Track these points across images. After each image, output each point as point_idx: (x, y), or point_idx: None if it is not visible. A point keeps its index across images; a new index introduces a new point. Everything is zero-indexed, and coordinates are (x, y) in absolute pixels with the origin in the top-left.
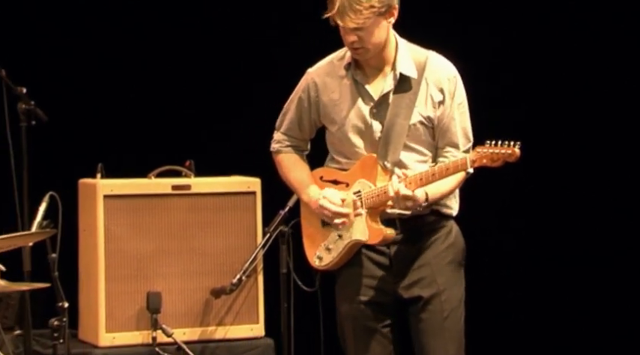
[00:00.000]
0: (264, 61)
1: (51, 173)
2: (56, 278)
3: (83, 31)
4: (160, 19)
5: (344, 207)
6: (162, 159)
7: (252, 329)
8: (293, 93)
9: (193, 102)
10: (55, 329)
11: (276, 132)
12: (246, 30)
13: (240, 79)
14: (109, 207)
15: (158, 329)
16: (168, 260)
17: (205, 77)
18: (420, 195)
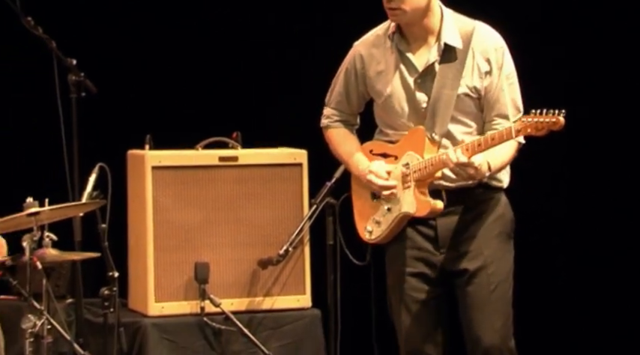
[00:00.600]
0: (311, 33)
1: (100, 144)
2: (106, 248)
3: (133, 3)
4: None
5: (390, 180)
6: (209, 130)
7: (299, 300)
8: (340, 67)
9: (242, 74)
10: (106, 298)
11: (326, 107)
12: (298, 2)
13: (289, 50)
14: (157, 178)
15: (206, 299)
16: (215, 231)
17: (254, 48)
18: (483, 165)
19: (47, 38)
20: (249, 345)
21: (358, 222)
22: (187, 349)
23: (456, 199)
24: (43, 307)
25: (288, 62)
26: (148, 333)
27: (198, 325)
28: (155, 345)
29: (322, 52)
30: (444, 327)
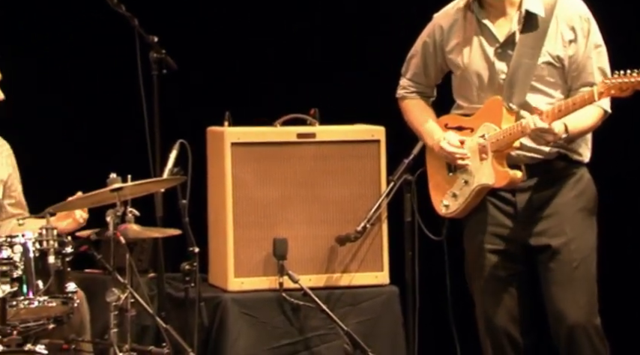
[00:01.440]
0: (389, 8)
1: (181, 121)
2: (187, 224)
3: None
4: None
5: (462, 149)
6: (287, 107)
7: (377, 277)
8: (419, 39)
9: (321, 50)
10: (187, 273)
11: (402, 78)
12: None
13: (366, 26)
14: (236, 155)
15: (285, 275)
16: (293, 207)
17: (331, 24)
18: (559, 128)
19: (130, 16)
20: (327, 321)
21: (434, 196)
22: (266, 324)
23: (536, 173)
24: (127, 281)
25: (367, 37)
26: (228, 308)
27: (277, 301)
28: (235, 320)
29: (401, 26)
30: (524, 304)
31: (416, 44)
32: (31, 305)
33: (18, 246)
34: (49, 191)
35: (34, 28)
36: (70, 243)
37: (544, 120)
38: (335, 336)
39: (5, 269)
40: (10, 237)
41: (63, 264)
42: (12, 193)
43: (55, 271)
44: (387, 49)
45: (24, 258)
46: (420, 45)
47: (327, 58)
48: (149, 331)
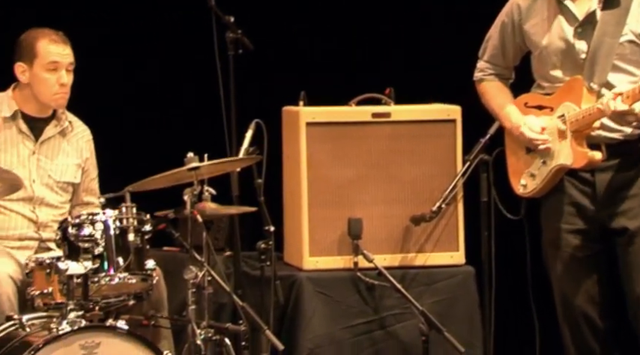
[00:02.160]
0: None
1: (257, 101)
2: (262, 203)
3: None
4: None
5: (544, 135)
6: (363, 86)
7: (452, 257)
8: (496, 19)
9: (395, 29)
10: (262, 251)
11: (480, 60)
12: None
13: (441, 4)
14: (311, 135)
15: (359, 254)
16: (368, 187)
17: (408, 3)
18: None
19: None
20: (402, 301)
21: (512, 176)
22: (341, 303)
23: (617, 154)
24: (204, 259)
25: (441, 16)
26: (303, 287)
27: (352, 280)
28: (310, 298)
29: (476, 5)
30: (603, 285)
31: (493, 25)
32: (111, 281)
33: (99, 224)
34: (128, 170)
35: (111, 11)
36: (149, 221)
37: (624, 101)
38: (410, 316)
39: (87, 246)
40: (91, 215)
41: (142, 242)
42: (86, 179)
43: (134, 248)
44: (463, 27)
45: (105, 236)
46: (497, 26)
47: (403, 36)
48: (226, 308)
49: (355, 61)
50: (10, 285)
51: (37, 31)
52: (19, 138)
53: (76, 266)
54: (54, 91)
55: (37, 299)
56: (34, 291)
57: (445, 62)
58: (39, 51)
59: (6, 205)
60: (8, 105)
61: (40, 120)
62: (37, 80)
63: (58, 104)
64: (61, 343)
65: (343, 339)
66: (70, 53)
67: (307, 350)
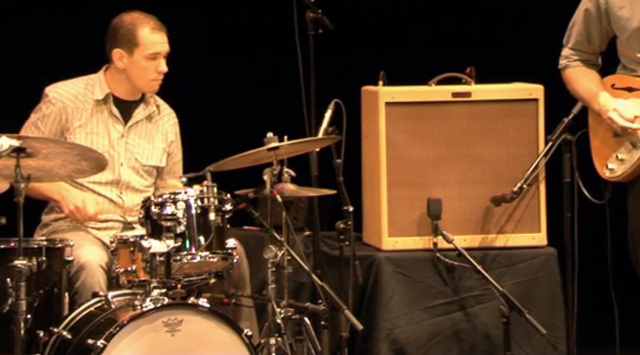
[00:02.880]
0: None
1: (336, 80)
2: (341, 183)
3: None
4: None
5: (635, 123)
6: (443, 66)
7: (534, 238)
8: (580, 5)
9: (476, 8)
10: (341, 231)
11: (564, 47)
12: None
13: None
14: (390, 115)
15: (439, 235)
16: (447, 167)
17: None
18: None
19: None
20: (482, 282)
21: (597, 159)
22: (420, 283)
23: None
24: (284, 239)
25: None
26: (382, 267)
27: (431, 260)
28: (389, 279)
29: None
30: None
31: (577, 11)
32: (193, 260)
33: (181, 203)
34: (208, 150)
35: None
36: (230, 201)
37: None
38: (490, 297)
39: (169, 224)
40: (173, 194)
41: (223, 221)
42: (170, 161)
43: (215, 227)
44: (547, 6)
45: (186, 215)
46: (581, 12)
47: (485, 14)
48: (305, 288)
49: (435, 39)
50: (101, 273)
51: (135, 18)
52: (110, 121)
53: (159, 245)
54: (151, 78)
55: (121, 277)
56: (119, 269)
57: (528, 40)
58: (141, 40)
59: (94, 189)
60: (100, 88)
61: (130, 104)
62: (136, 67)
63: (152, 90)
64: (145, 320)
65: (422, 320)
66: (167, 40)
67: (386, 331)
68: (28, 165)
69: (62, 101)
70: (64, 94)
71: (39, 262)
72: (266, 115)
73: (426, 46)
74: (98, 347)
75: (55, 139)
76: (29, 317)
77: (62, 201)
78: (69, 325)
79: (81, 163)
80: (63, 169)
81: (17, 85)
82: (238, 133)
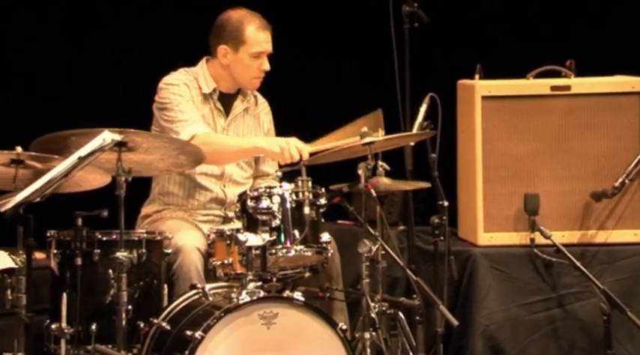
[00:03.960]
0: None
1: (431, 74)
2: (436, 178)
3: None
4: None
5: None
6: (541, 58)
7: (637, 234)
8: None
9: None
10: (436, 226)
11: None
12: None
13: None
14: (487, 108)
15: (536, 230)
16: (545, 162)
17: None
18: None
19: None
20: (581, 279)
21: None
22: (517, 280)
23: None
24: (378, 233)
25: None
26: (477, 262)
27: (529, 256)
28: (484, 274)
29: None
30: None
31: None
32: (288, 253)
33: (276, 197)
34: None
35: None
36: (324, 195)
37: None
38: (590, 294)
39: (265, 218)
40: (269, 188)
41: (317, 215)
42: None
43: (310, 221)
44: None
45: (281, 209)
46: None
47: (586, 5)
48: (400, 283)
49: (534, 32)
50: (198, 256)
51: (242, 15)
52: (213, 115)
53: (255, 238)
54: (254, 76)
55: (218, 269)
56: (216, 261)
57: (630, 31)
58: (247, 38)
59: (202, 182)
60: (206, 82)
61: (230, 97)
62: (240, 65)
63: (254, 87)
64: (241, 312)
65: (519, 317)
66: (271, 40)
67: (482, 327)
68: (129, 159)
69: (185, 84)
70: (182, 79)
71: (139, 254)
72: (361, 109)
73: (524, 39)
74: (196, 339)
75: (154, 134)
76: (130, 308)
77: (267, 146)
78: (168, 316)
79: (179, 157)
80: (162, 163)
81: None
82: (333, 127)
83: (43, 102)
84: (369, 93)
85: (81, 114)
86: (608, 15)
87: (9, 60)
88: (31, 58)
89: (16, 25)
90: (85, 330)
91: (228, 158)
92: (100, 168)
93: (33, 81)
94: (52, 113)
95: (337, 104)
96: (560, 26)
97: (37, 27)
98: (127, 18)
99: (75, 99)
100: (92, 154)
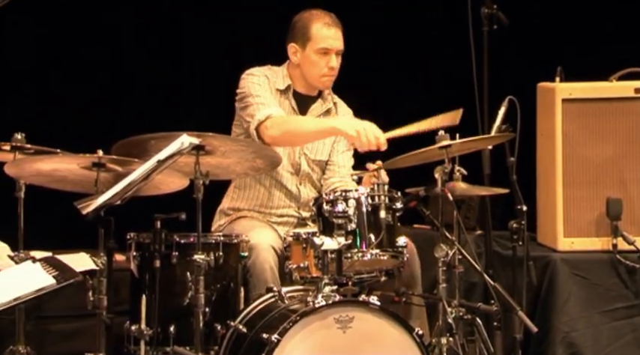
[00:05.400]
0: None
1: (510, 77)
2: (515, 182)
3: None
4: None
5: None
6: (625, 60)
7: None
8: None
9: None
10: (514, 231)
11: None
12: None
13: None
14: (568, 111)
15: (619, 236)
16: (628, 166)
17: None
18: None
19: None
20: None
21: None
22: (599, 286)
23: None
24: (454, 237)
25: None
26: (557, 268)
27: (611, 262)
28: (565, 280)
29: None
30: None
31: None
32: (364, 257)
33: (352, 201)
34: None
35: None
36: (400, 199)
37: None
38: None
39: (341, 222)
40: (344, 192)
41: (393, 219)
42: (345, 156)
43: (385, 225)
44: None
45: (357, 212)
46: None
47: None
48: (477, 288)
49: (616, 33)
50: (272, 255)
51: (312, 13)
52: (289, 112)
53: (331, 242)
54: (322, 73)
55: (294, 273)
56: (292, 265)
57: None
58: (312, 35)
59: (277, 177)
60: (282, 80)
61: (308, 98)
62: (308, 62)
63: (324, 86)
64: (317, 316)
65: (601, 324)
66: (340, 37)
67: (562, 334)
68: (206, 163)
69: (266, 76)
70: (263, 71)
71: (216, 257)
72: (437, 113)
73: (605, 41)
74: (272, 342)
75: (232, 137)
76: (207, 311)
77: (344, 128)
78: (244, 319)
79: (256, 161)
80: (239, 166)
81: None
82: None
83: (124, 107)
84: (446, 96)
85: (160, 117)
86: None
87: (94, 66)
88: (115, 63)
89: (103, 31)
90: (164, 332)
91: (303, 138)
92: (179, 171)
93: (115, 86)
94: (133, 117)
95: (415, 107)
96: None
97: (119, 33)
98: (208, 21)
99: (154, 102)
100: (171, 158)
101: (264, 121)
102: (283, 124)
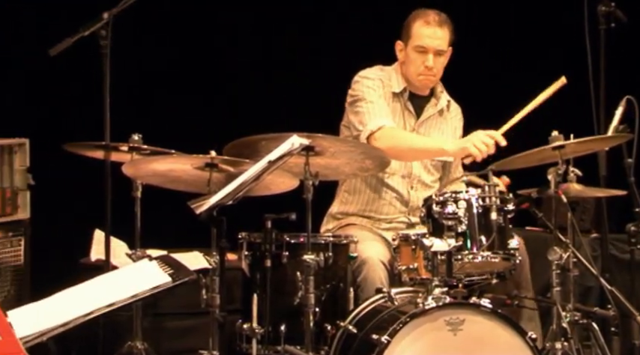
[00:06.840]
0: None
1: (628, 76)
2: (632, 184)
3: None
4: None
5: None
6: None
7: None
8: None
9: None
10: (633, 234)
11: None
12: None
13: None
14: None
15: None
16: None
17: None
18: None
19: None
20: None
21: None
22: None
23: None
24: (569, 240)
25: None
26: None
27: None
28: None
29: None
30: None
31: None
32: (474, 259)
33: (462, 202)
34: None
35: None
36: (512, 200)
37: None
38: None
39: (451, 223)
40: (454, 193)
41: (505, 221)
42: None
43: (497, 227)
44: None
45: (468, 214)
46: None
47: None
48: (593, 292)
49: None
50: (382, 268)
51: (419, 11)
52: (404, 115)
53: (440, 244)
54: (418, 72)
55: (403, 274)
56: (401, 266)
57: None
58: (413, 32)
59: (387, 181)
60: (397, 82)
61: (421, 98)
62: (408, 59)
63: (422, 85)
64: (427, 318)
65: None
66: (441, 37)
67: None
68: (316, 163)
69: (380, 80)
70: (378, 75)
71: (326, 257)
72: (552, 113)
73: None
74: (382, 343)
75: (341, 138)
76: (317, 311)
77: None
78: (354, 319)
79: (365, 162)
80: (348, 167)
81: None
82: (522, 131)
83: (237, 107)
84: (561, 95)
85: (271, 118)
86: None
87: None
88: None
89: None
90: (275, 331)
91: (411, 155)
92: (289, 172)
93: (227, 89)
94: (244, 118)
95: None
96: None
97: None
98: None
99: (264, 103)
100: (281, 158)
101: (376, 132)
102: (392, 138)
